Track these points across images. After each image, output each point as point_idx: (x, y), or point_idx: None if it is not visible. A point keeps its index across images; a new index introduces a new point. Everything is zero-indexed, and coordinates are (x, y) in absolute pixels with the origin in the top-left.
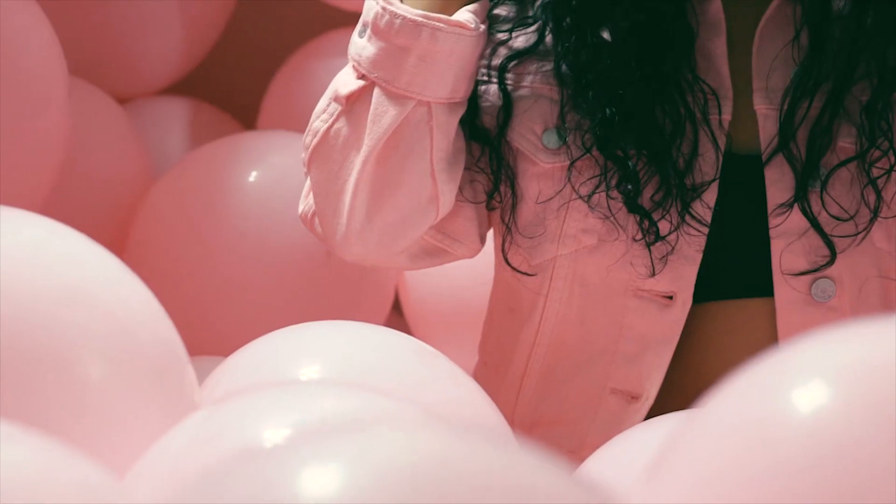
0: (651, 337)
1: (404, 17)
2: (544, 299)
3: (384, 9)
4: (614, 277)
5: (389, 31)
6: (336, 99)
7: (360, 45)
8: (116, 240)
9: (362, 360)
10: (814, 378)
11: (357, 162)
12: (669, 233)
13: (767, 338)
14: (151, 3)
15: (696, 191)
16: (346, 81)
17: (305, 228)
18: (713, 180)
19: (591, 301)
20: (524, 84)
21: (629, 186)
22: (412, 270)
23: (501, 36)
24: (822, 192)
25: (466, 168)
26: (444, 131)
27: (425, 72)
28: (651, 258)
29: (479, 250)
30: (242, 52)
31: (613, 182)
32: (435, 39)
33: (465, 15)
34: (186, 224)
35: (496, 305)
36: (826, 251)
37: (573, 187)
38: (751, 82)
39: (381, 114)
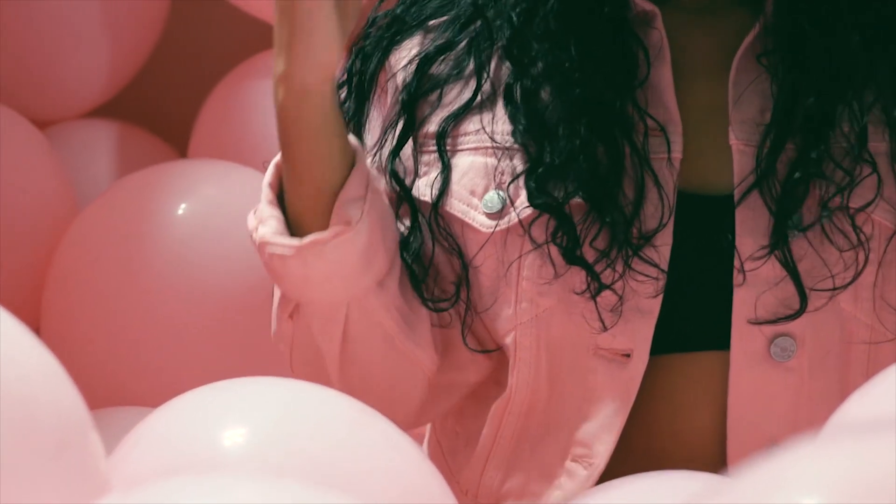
0: (608, 398)
1: (271, 254)
2: (513, 371)
3: (251, 237)
4: (577, 337)
5: (266, 262)
6: (280, 306)
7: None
8: (36, 276)
9: (293, 427)
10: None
11: (328, 364)
12: (613, 282)
13: (719, 396)
14: (74, 19)
15: (645, 238)
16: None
17: (240, 263)
18: (661, 226)
19: (558, 366)
20: (459, 147)
21: (567, 238)
22: None
23: (432, 98)
24: (803, 236)
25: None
26: (387, 305)
27: (327, 285)
28: (598, 311)
29: (434, 363)
30: (174, 71)
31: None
32: (308, 265)
33: (342, 213)
34: (112, 260)
35: None
36: (794, 305)
37: (520, 250)
38: (715, 115)
39: (321, 326)
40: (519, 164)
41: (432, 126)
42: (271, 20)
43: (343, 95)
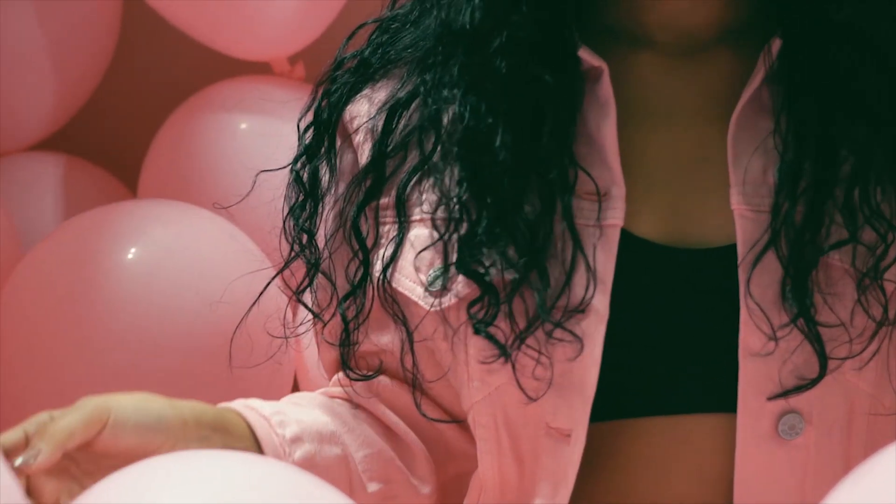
0: (551, 479)
1: None
2: (478, 449)
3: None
4: (530, 416)
5: None
6: None
7: None
8: None
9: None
10: None
11: None
12: (508, 354)
13: (721, 470)
14: (18, 46)
15: (571, 312)
16: None
17: (192, 310)
18: (583, 305)
19: (518, 444)
20: (412, 217)
21: (485, 310)
22: None
23: (397, 157)
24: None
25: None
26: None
27: None
28: (520, 387)
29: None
30: (123, 102)
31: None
32: None
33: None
34: (58, 306)
35: None
36: (807, 374)
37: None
38: (704, 168)
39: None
40: (463, 234)
41: (390, 194)
42: (225, 50)
43: (310, 138)
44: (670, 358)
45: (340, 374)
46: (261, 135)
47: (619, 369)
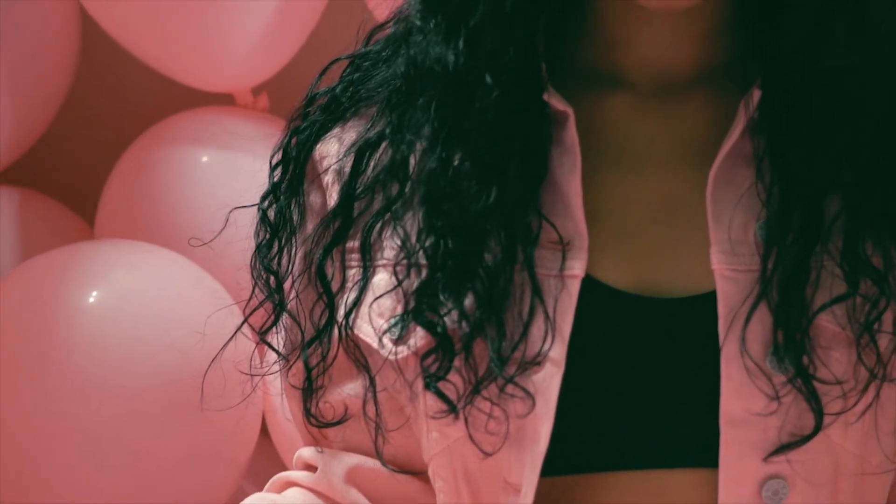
0: None
1: None
2: (437, 500)
3: None
4: (489, 470)
5: None
6: None
7: None
8: None
9: None
10: None
11: None
12: (457, 410)
13: None
14: None
15: (526, 364)
16: None
17: (155, 356)
18: (540, 357)
19: (479, 496)
20: (377, 262)
21: (438, 362)
22: None
23: (365, 200)
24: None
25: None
26: None
27: None
28: (473, 441)
29: None
30: (81, 133)
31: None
32: None
33: None
34: (16, 352)
35: None
36: (797, 431)
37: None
38: (679, 214)
39: None
40: (421, 282)
41: (356, 238)
42: (187, 81)
43: (278, 176)
44: (638, 410)
45: (306, 452)
46: (223, 168)
47: (578, 422)
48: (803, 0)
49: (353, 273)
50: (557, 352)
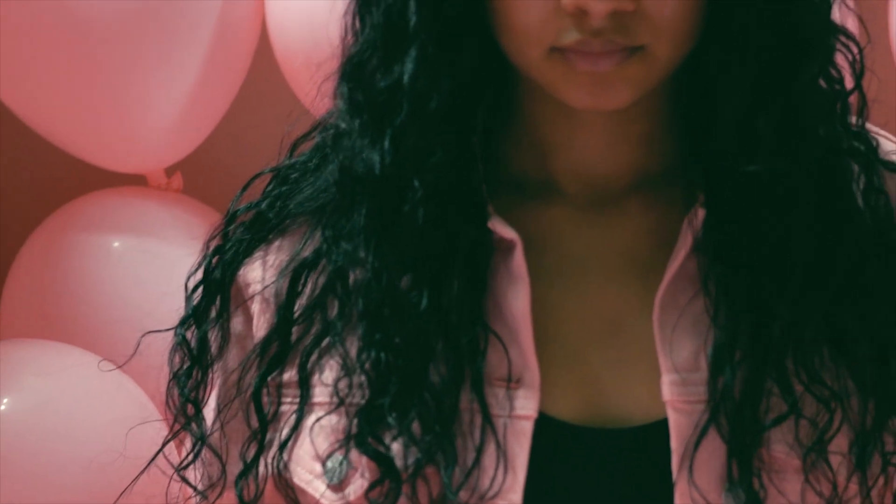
0: None
1: None
2: None
3: None
4: None
5: None
6: None
7: None
8: None
9: None
10: None
11: None
12: None
13: None
14: None
15: (480, 498)
16: None
17: (73, 470)
18: (493, 492)
19: None
20: (312, 399)
21: (384, 494)
22: None
23: (299, 328)
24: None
25: None
26: None
27: None
28: None
29: None
30: None
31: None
32: None
33: None
34: None
35: None
36: None
37: None
38: (625, 335)
39: None
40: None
41: (293, 366)
42: (97, 161)
43: (198, 298)
44: None
45: None
46: (136, 254)
47: None
48: (732, 102)
49: (287, 408)
50: (512, 489)
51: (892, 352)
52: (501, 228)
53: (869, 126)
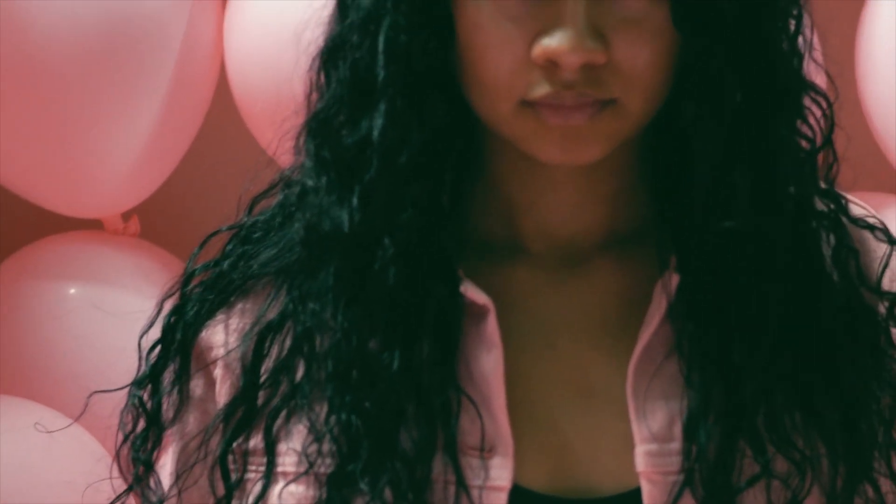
0: None
1: None
2: None
3: None
4: None
5: None
6: None
7: None
8: None
9: None
10: None
11: None
12: None
13: None
14: None
15: None
16: None
17: None
18: None
19: None
20: (277, 468)
21: None
22: None
23: (267, 390)
24: None
25: None
26: None
27: None
28: None
29: None
30: None
31: None
32: None
33: None
34: None
35: None
36: None
37: None
38: (598, 400)
39: None
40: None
41: (258, 431)
42: (51, 206)
43: (156, 357)
44: None
45: None
46: (92, 301)
47: None
48: (707, 157)
49: (253, 476)
50: None
51: (861, 417)
52: (474, 293)
53: (837, 190)
